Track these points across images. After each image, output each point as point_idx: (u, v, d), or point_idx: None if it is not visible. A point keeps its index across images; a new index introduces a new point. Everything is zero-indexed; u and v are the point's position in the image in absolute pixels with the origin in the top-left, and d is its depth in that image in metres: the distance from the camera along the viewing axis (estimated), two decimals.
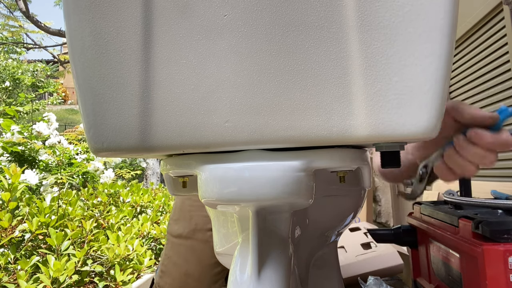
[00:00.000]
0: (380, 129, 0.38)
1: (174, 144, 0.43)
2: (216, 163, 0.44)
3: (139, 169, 5.20)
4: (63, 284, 1.42)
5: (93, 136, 0.45)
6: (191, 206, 1.06)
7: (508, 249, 0.58)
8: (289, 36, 0.39)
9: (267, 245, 0.45)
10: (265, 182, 0.41)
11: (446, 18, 0.37)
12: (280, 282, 0.43)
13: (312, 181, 0.45)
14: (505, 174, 1.31)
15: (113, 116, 0.43)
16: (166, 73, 0.42)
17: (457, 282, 0.72)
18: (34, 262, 1.46)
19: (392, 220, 2.52)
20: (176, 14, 0.41)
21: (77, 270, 1.55)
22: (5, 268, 1.45)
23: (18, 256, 1.51)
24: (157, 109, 0.42)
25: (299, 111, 0.40)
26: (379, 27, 0.37)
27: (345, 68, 0.38)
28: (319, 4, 0.38)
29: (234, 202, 0.43)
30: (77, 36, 0.43)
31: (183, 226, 1.04)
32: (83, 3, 0.42)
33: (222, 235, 0.63)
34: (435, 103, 0.37)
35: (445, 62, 0.37)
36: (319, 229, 0.63)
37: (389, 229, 1.02)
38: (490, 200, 0.76)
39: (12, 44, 7.29)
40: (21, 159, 2.61)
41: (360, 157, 0.48)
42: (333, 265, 0.69)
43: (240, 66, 0.40)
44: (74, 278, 1.48)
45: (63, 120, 13.74)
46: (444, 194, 0.90)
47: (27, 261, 1.43)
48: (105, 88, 0.43)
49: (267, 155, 0.44)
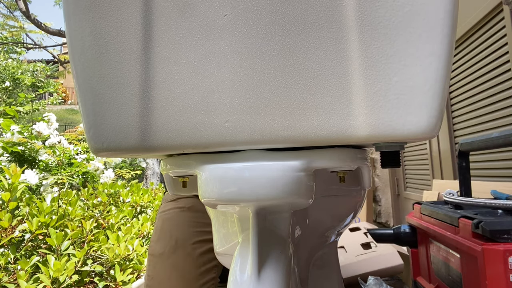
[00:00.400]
0: (380, 129, 0.38)
1: (174, 144, 0.43)
2: (216, 163, 0.44)
3: (139, 169, 5.20)
4: (63, 284, 1.42)
5: (93, 136, 0.45)
6: (171, 226, 1.08)
7: (508, 249, 0.58)
8: (289, 36, 0.39)
9: (267, 245, 0.45)
10: (265, 182, 0.41)
11: (446, 18, 0.37)
12: (280, 282, 0.43)
13: (312, 181, 0.45)
14: (505, 174, 1.31)
15: (113, 116, 0.43)
16: (166, 73, 0.42)
17: (457, 282, 0.72)
18: (34, 262, 1.46)
19: (392, 220, 2.52)
20: (176, 14, 0.41)
21: (77, 270, 1.55)
22: (5, 268, 1.45)
23: (18, 256, 1.51)
24: (157, 109, 0.42)
25: (299, 111, 0.40)
26: (379, 27, 0.37)
27: (345, 68, 0.38)
28: (319, 4, 0.38)
29: (234, 202, 0.43)
30: (77, 36, 0.43)
31: (163, 245, 1.05)
32: (83, 3, 0.42)
33: (222, 235, 0.63)
34: (435, 103, 0.37)
35: (445, 62, 0.37)
36: (319, 229, 0.63)
37: (389, 229, 1.02)
38: (490, 200, 0.76)
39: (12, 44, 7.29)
40: (21, 159, 2.61)
41: (360, 157, 0.48)
42: (333, 265, 0.69)
43: (240, 66, 0.40)
44: (74, 278, 1.48)
45: (63, 120, 13.73)
46: (444, 194, 0.90)
47: (27, 261, 1.43)
48: (105, 88, 0.43)
49: (267, 155, 0.44)
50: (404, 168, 2.40)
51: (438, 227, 0.80)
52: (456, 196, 0.86)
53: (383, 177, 2.67)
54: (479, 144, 0.83)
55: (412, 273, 0.98)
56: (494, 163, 1.38)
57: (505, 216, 0.70)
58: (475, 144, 0.84)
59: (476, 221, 0.64)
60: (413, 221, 0.96)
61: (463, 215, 0.70)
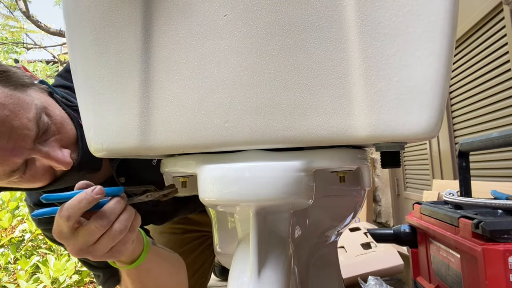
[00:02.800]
0: (380, 129, 0.38)
1: (174, 144, 0.43)
2: (216, 163, 0.44)
3: None
4: (63, 284, 1.42)
5: (93, 136, 0.45)
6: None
7: (508, 249, 0.58)
8: (289, 36, 0.39)
9: (267, 245, 0.45)
10: (265, 182, 0.41)
11: (446, 18, 0.37)
12: (280, 282, 0.43)
13: (312, 181, 0.45)
14: (505, 174, 1.31)
15: (113, 116, 0.43)
16: (166, 73, 0.42)
17: (457, 282, 0.72)
18: (34, 262, 1.46)
19: (392, 220, 2.52)
20: (176, 14, 0.41)
21: (77, 270, 1.55)
22: (5, 268, 1.45)
23: (18, 256, 1.51)
24: (157, 109, 0.42)
25: (299, 111, 0.40)
26: (379, 27, 0.37)
27: (345, 68, 0.38)
28: (319, 4, 0.38)
29: (234, 202, 0.43)
30: (77, 36, 0.43)
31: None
32: (83, 3, 0.42)
33: (222, 235, 0.63)
34: (435, 103, 0.37)
35: (445, 62, 0.37)
36: (319, 229, 0.63)
37: (389, 229, 1.02)
38: (490, 200, 0.76)
39: (12, 44, 7.29)
40: None
41: (360, 157, 0.48)
42: (333, 265, 0.69)
43: (240, 66, 0.40)
44: (74, 278, 1.48)
45: None
46: (444, 194, 0.90)
47: (27, 261, 1.43)
48: (105, 88, 0.43)
49: (267, 155, 0.44)
50: (404, 168, 2.40)
51: (438, 227, 0.80)
52: (456, 196, 0.86)
53: (383, 177, 2.67)
54: (479, 144, 0.83)
55: (412, 273, 0.98)
56: (494, 163, 1.38)
57: (505, 216, 0.70)
58: (475, 144, 0.84)
59: (476, 221, 0.64)
60: (413, 221, 0.96)
61: (463, 215, 0.70)
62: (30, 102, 0.57)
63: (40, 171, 0.60)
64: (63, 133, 0.62)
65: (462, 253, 0.69)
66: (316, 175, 0.47)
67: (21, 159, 0.56)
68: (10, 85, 0.56)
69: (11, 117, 0.54)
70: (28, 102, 0.57)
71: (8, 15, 6.58)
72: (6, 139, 0.54)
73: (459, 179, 0.91)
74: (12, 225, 1.54)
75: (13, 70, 0.61)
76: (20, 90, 0.57)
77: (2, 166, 0.55)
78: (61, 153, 0.59)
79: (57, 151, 0.59)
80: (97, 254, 0.49)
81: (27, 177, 0.59)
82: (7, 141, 0.54)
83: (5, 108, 0.54)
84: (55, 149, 0.59)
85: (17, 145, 0.55)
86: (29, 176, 0.59)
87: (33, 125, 0.56)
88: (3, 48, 7.38)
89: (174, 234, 1.12)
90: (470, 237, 0.65)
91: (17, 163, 0.56)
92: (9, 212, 1.55)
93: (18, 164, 0.56)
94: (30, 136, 0.56)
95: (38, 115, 0.57)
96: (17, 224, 1.58)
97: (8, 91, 0.55)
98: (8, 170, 0.56)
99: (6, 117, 0.53)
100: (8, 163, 0.55)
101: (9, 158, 0.55)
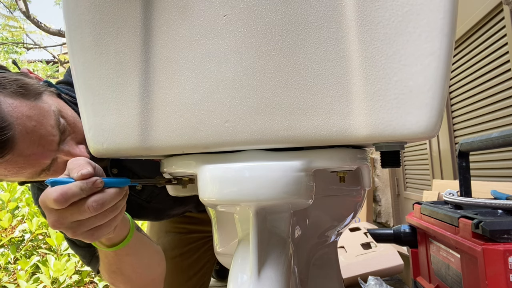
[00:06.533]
0: (380, 129, 0.38)
1: (174, 144, 0.43)
2: (216, 163, 0.44)
3: None
4: (63, 284, 1.42)
5: (93, 137, 0.45)
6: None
7: (508, 249, 0.58)
8: (289, 36, 0.39)
9: (267, 245, 0.45)
10: (265, 182, 0.41)
11: (446, 18, 0.37)
12: (280, 282, 0.43)
13: (312, 181, 0.45)
14: (505, 174, 1.31)
15: (113, 116, 0.43)
16: (166, 73, 0.42)
17: (457, 282, 0.72)
18: (34, 262, 1.46)
19: (392, 220, 2.52)
20: (176, 14, 0.41)
21: (77, 270, 1.55)
22: (5, 268, 1.46)
23: (18, 256, 1.51)
24: (157, 109, 0.42)
25: (299, 111, 0.40)
26: (379, 27, 0.37)
27: (345, 68, 0.38)
28: (318, 4, 0.38)
29: (234, 202, 0.43)
30: (77, 36, 0.43)
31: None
32: (83, 3, 0.42)
33: (222, 235, 0.63)
34: (435, 103, 0.37)
35: (445, 62, 0.37)
36: (319, 229, 0.63)
37: (389, 229, 1.02)
38: (490, 200, 0.76)
39: (12, 44, 7.29)
40: None
41: (360, 157, 0.48)
42: (333, 265, 0.69)
43: (240, 66, 0.40)
44: (74, 278, 1.48)
45: None
46: (444, 194, 0.90)
47: (27, 261, 1.43)
48: (105, 88, 0.43)
49: (267, 155, 0.44)
50: (404, 168, 2.40)
51: (438, 227, 0.80)
52: (456, 196, 0.86)
53: (383, 177, 2.67)
54: (479, 144, 0.83)
55: (412, 273, 0.99)
56: (494, 163, 1.38)
57: (505, 216, 0.70)
58: (475, 144, 0.84)
59: (476, 221, 0.64)
60: (413, 221, 0.96)
61: (463, 215, 0.70)
62: (49, 109, 0.64)
63: (61, 166, 0.68)
64: (77, 131, 0.70)
65: (462, 253, 0.69)
66: (316, 175, 0.47)
67: (49, 160, 0.65)
68: (30, 97, 0.63)
69: (38, 127, 0.62)
70: (47, 110, 0.64)
71: (8, 15, 6.58)
72: (36, 145, 0.62)
73: (459, 179, 0.91)
74: (12, 225, 1.54)
75: (27, 80, 0.66)
76: (38, 99, 0.64)
77: (34, 167, 0.64)
78: (79, 149, 0.68)
79: (76, 149, 0.68)
80: (77, 232, 0.49)
81: (51, 173, 0.67)
82: (37, 147, 0.62)
83: (31, 120, 0.61)
84: (74, 147, 0.68)
85: (45, 150, 0.63)
86: (53, 171, 0.67)
87: (56, 130, 0.65)
88: (3, 48, 7.38)
89: (179, 233, 1.17)
90: (470, 237, 0.65)
91: (46, 164, 0.65)
92: (9, 212, 1.55)
93: (47, 164, 0.65)
94: (55, 141, 0.64)
95: (58, 121, 0.65)
96: (17, 224, 1.58)
97: (30, 103, 0.62)
98: (39, 170, 0.65)
99: (34, 128, 0.61)
100: (39, 165, 0.64)
101: (40, 161, 0.64)
